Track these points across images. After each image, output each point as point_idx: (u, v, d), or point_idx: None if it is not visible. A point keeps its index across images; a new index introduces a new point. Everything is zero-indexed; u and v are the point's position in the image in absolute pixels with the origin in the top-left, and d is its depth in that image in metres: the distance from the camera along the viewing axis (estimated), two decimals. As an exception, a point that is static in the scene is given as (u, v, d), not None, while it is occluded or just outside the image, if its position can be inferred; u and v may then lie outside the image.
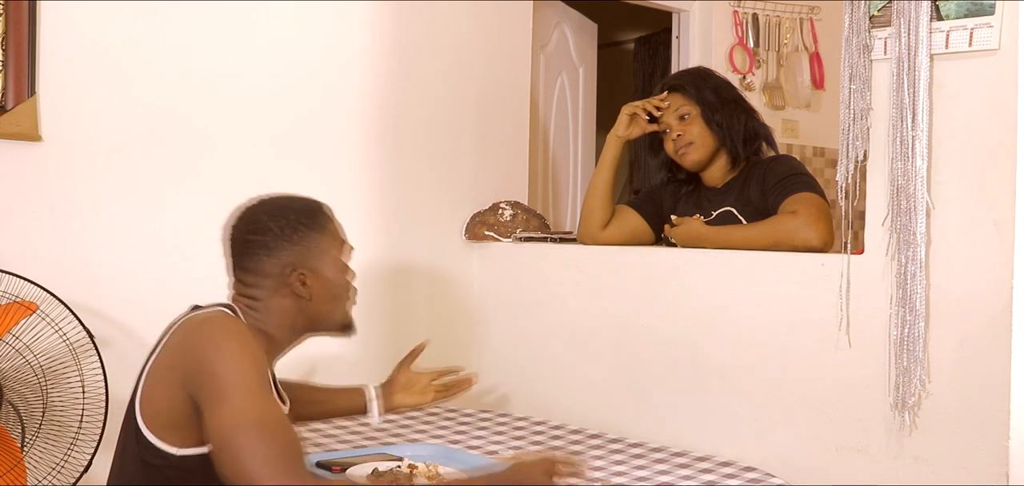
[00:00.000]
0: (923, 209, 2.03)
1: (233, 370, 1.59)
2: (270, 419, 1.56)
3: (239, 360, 1.61)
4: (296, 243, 1.81)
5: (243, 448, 1.53)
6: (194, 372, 1.63)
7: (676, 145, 2.75)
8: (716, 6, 4.48)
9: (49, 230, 2.49)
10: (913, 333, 2.05)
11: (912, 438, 2.09)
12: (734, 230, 2.59)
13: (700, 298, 2.53)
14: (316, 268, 1.82)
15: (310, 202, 1.89)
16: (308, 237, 1.83)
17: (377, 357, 3.05)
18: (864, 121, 2.14)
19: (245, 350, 1.63)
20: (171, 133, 2.68)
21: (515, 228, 3.13)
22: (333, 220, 1.90)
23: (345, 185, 2.97)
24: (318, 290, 1.83)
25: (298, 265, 1.81)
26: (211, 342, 1.64)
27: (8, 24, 2.42)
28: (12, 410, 2.25)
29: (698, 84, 2.75)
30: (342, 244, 1.88)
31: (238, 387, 1.58)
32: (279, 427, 1.57)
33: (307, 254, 1.82)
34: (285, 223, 1.81)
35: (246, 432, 1.54)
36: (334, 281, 1.85)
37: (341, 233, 1.90)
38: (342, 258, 1.87)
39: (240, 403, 1.56)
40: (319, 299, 1.83)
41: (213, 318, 1.71)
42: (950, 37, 2.01)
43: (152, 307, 2.61)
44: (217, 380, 1.59)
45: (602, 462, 2.31)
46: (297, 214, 1.84)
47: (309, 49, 2.90)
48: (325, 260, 1.84)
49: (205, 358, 1.62)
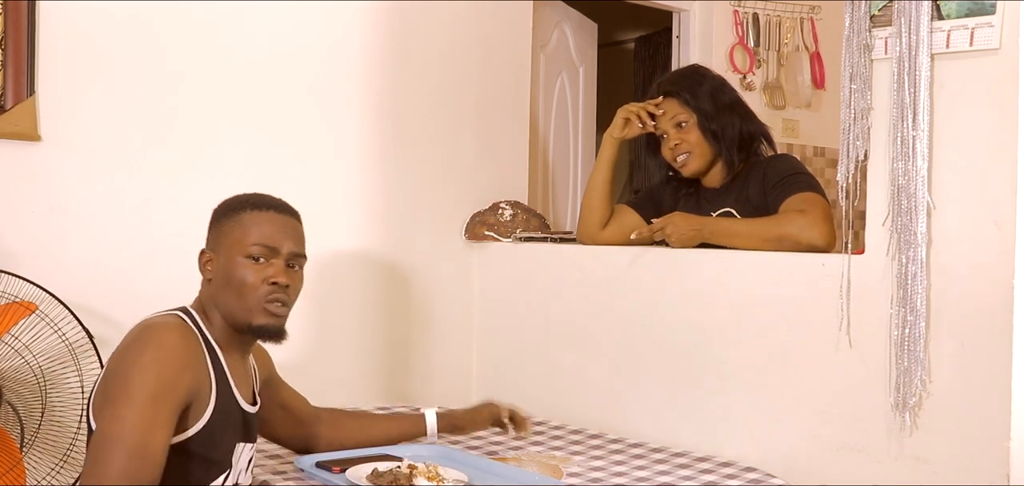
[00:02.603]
0: (924, 209, 2.03)
1: (132, 379, 1.66)
2: (140, 441, 1.62)
3: (142, 373, 1.66)
4: (212, 227, 1.93)
5: (106, 456, 1.61)
6: (110, 373, 1.72)
7: (674, 153, 2.74)
8: (716, 6, 4.47)
9: (48, 230, 2.49)
10: (913, 333, 2.05)
11: (912, 438, 2.09)
12: (738, 224, 2.58)
13: (700, 298, 2.53)
14: (218, 252, 1.88)
15: (248, 196, 1.93)
16: (221, 223, 1.91)
17: (377, 357, 3.05)
18: (865, 121, 2.13)
19: (154, 364, 1.68)
20: (170, 133, 2.68)
21: (515, 228, 3.12)
22: (254, 215, 1.87)
23: (345, 185, 2.97)
24: (217, 274, 1.87)
25: (209, 246, 1.91)
26: (131, 345, 1.71)
27: (7, 24, 2.41)
28: (11, 410, 2.25)
29: (694, 89, 2.73)
30: (251, 243, 1.84)
31: (128, 398, 1.65)
32: (147, 453, 1.62)
33: (216, 238, 1.90)
34: (216, 210, 1.93)
35: (114, 443, 1.61)
36: (232, 273, 1.84)
37: (257, 235, 1.85)
38: (248, 254, 1.84)
39: (122, 413, 1.63)
40: (218, 285, 1.87)
41: (151, 323, 1.77)
42: (951, 37, 2.01)
43: (151, 307, 2.61)
44: (120, 386, 1.67)
45: (602, 462, 2.31)
46: (226, 203, 1.94)
47: (309, 49, 2.90)
48: (230, 249, 1.86)
49: (120, 357, 1.71)
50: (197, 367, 1.77)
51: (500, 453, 2.34)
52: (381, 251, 3.04)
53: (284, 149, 2.86)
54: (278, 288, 1.86)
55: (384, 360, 3.07)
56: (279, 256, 1.87)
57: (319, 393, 2.29)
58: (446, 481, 1.94)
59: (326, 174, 2.93)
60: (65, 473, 2.32)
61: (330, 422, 2.23)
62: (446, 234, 3.18)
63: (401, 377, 3.09)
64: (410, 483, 1.92)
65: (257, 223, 1.87)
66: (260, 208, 1.89)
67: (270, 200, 1.92)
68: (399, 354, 3.10)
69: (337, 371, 2.93)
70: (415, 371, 3.12)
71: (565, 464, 2.28)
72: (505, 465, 2.16)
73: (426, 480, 1.92)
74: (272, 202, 1.92)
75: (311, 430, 2.20)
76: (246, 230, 1.86)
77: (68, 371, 2.32)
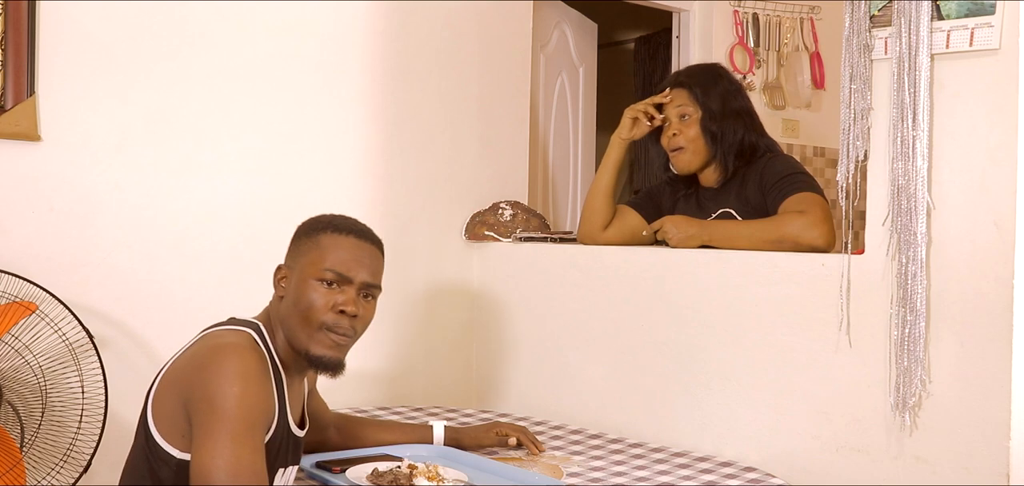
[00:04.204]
0: (924, 209, 2.03)
1: (225, 410, 1.62)
2: (244, 470, 1.60)
3: (235, 404, 1.63)
4: (292, 245, 1.89)
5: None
6: (194, 396, 1.66)
7: (670, 143, 2.74)
8: (716, 6, 4.47)
9: (49, 230, 2.49)
10: (913, 333, 2.05)
11: (912, 438, 2.09)
12: (738, 226, 2.58)
13: (700, 298, 2.53)
14: (293, 270, 1.84)
15: (331, 217, 1.89)
16: (300, 242, 1.87)
17: (377, 356, 3.05)
18: (864, 121, 2.13)
19: (246, 393, 1.64)
20: (170, 133, 2.68)
21: (515, 228, 3.12)
22: (333, 238, 1.83)
23: (345, 185, 2.97)
24: (290, 292, 1.83)
25: (286, 263, 1.87)
26: (217, 375, 1.65)
27: (8, 24, 2.41)
28: (11, 410, 2.25)
29: (706, 87, 2.72)
30: (325, 266, 1.80)
31: (224, 430, 1.61)
32: (250, 476, 1.60)
33: (294, 255, 1.87)
34: (299, 227, 1.90)
35: (218, 477, 1.58)
36: (302, 294, 1.80)
37: (333, 260, 1.81)
38: (322, 279, 1.80)
39: (221, 447, 1.60)
40: (288, 304, 1.82)
41: (228, 348, 1.70)
42: (951, 37, 2.01)
43: (152, 307, 2.63)
44: (209, 415, 1.62)
45: (602, 462, 2.31)
46: (308, 222, 1.89)
47: (309, 49, 2.90)
48: (304, 269, 1.82)
49: (206, 388, 1.65)
50: (272, 391, 1.75)
51: (500, 453, 2.34)
52: (381, 251, 3.04)
53: (284, 149, 2.86)
54: (346, 317, 1.81)
55: (384, 360, 3.07)
56: (352, 285, 1.82)
57: (319, 392, 2.29)
58: (446, 481, 1.95)
59: (326, 174, 2.93)
60: (65, 473, 2.32)
61: (340, 427, 2.24)
62: (446, 234, 3.18)
63: (401, 377, 3.09)
64: (410, 483, 1.92)
65: (335, 247, 1.82)
66: (341, 232, 1.84)
67: (352, 224, 1.87)
68: (399, 354, 3.10)
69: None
70: (415, 371, 3.12)
71: (565, 464, 2.28)
72: (505, 465, 2.16)
73: (426, 480, 1.92)
74: (354, 227, 1.87)
75: (323, 435, 2.20)
76: (323, 253, 1.82)
77: (68, 371, 2.32)
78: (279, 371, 1.80)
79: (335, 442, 2.21)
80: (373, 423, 2.34)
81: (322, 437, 2.20)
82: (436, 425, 2.30)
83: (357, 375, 3.00)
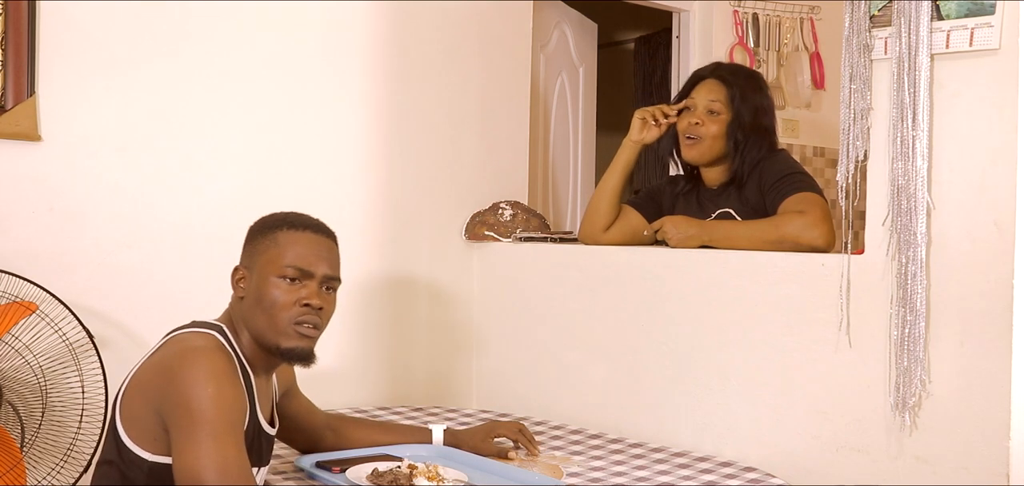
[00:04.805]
0: (923, 209, 2.03)
1: (203, 412, 1.63)
2: (231, 467, 1.61)
3: (211, 404, 1.64)
4: (247, 244, 1.90)
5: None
6: (169, 402, 1.67)
7: (689, 130, 2.72)
8: (716, 6, 4.47)
9: (49, 230, 2.49)
10: (913, 333, 2.05)
11: (912, 438, 2.09)
12: (738, 226, 2.58)
13: (700, 298, 2.53)
14: (252, 269, 1.85)
15: (285, 215, 1.90)
16: (256, 241, 1.88)
17: (377, 356, 3.05)
18: (864, 121, 2.14)
19: (221, 393, 1.66)
20: (170, 133, 2.68)
21: (515, 228, 3.12)
22: (290, 234, 1.85)
23: (345, 185, 2.97)
24: (249, 293, 1.84)
25: (243, 263, 1.88)
26: (189, 378, 1.66)
27: (8, 24, 2.41)
28: (11, 410, 2.25)
29: (745, 92, 2.69)
30: (285, 263, 1.82)
31: (205, 431, 1.62)
32: (238, 474, 1.61)
33: (251, 255, 1.87)
34: (252, 227, 1.90)
35: (208, 477, 1.59)
36: (264, 292, 1.81)
37: (292, 256, 1.83)
38: (284, 275, 1.82)
39: (205, 447, 1.61)
40: (250, 303, 1.84)
41: (197, 350, 1.72)
42: (950, 37, 2.01)
43: (152, 307, 2.62)
44: (187, 419, 1.63)
45: (602, 462, 2.31)
46: (262, 220, 1.91)
47: (309, 49, 2.90)
48: (264, 268, 1.83)
49: (181, 392, 1.66)
50: (243, 390, 1.76)
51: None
52: (381, 251, 3.04)
53: (284, 149, 2.86)
54: (310, 310, 1.83)
55: (384, 360, 3.07)
56: (313, 278, 1.84)
57: (318, 393, 2.29)
58: (446, 481, 1.95)
59: (326, 174, 2.93)
60: (65, 473, 2.32)
61: (334, 428, 2.24)
62: (446, 234, 3.18)
63: (401, 377, 3.09)
64: (410, 483, 1.92)
65: (293, 243, 1.84)
66: (296, 228, 1.86)
67: (307, 220, 1.89)
68: (399, 354, 3.10)
69: (336, 371, 2.93)
70: (415, 371, 3.12)
71: (565, 464, 2.28)
72: (505, 465, 2.16)
73: (426, 480, 1.93)
74: (309, 222, 1.89)
75: (318, 436, 2.20)
76: (281, 250, 1.83)
77: (68, 371, 2.32)
78: (247, 370, 1.82)
79: (330, 443, 2.21)
80: (369, 424, 2.34)
81: (316, 439, 2.20)
82: (435, 429, 2.30)
83: (357, 375, 3.01)
